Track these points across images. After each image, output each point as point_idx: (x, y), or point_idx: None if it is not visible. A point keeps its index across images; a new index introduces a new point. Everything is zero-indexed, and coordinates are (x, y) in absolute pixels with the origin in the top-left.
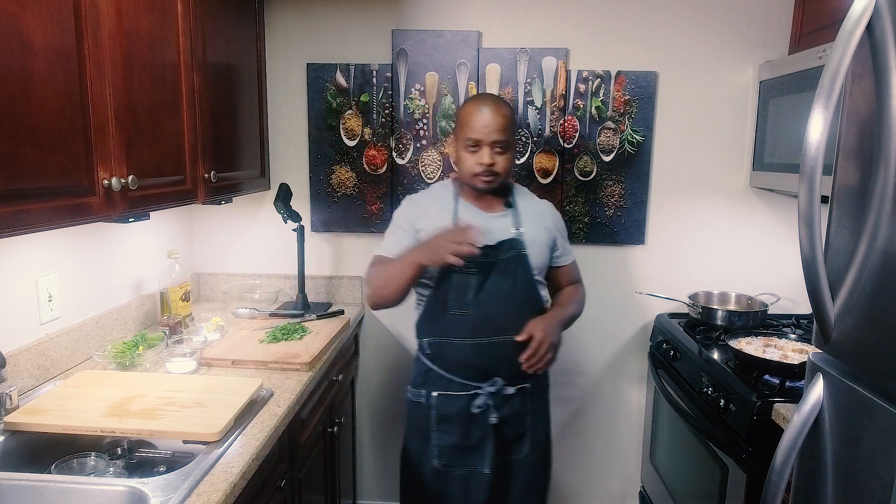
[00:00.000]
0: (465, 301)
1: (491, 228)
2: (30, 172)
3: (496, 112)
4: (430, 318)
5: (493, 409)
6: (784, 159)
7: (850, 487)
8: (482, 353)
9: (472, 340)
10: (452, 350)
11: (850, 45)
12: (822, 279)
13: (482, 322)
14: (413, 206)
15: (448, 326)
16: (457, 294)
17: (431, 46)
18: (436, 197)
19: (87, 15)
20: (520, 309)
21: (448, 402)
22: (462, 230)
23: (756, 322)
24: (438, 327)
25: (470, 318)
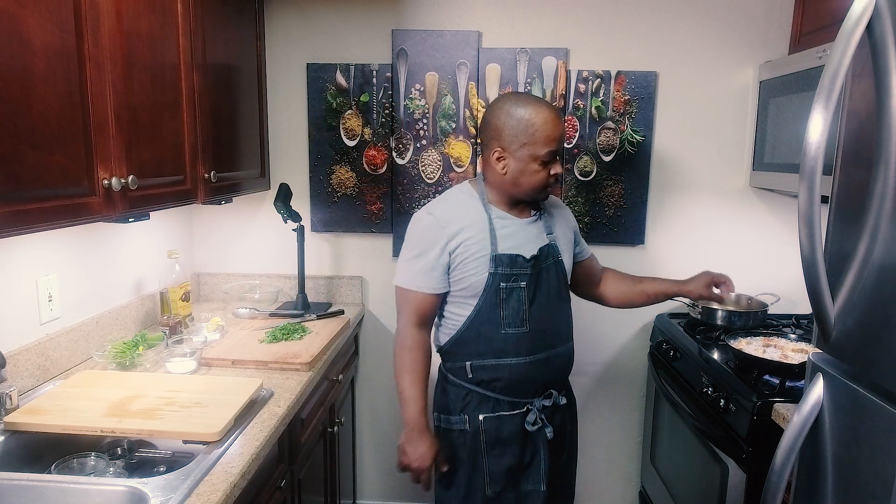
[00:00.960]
0: (520, 317)
1: (529, 237)
2: (30, 172)
3: (559, 117)
4: (475, 339)
5: (544, 422)
6: (784, 159)
7: (850, 487)
8: (541, 368)
9: (532, 357)
10: (508, 370)
11: (850, 45)
12: (822, 279)
13: (538, 337)
14: (437, 220)
15: (503, 345)
16: (510, 310)
17: (431, 46)
18: (462, 205)
19: (87, 15)
20: (566, 317)
21: (500, 424)
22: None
23: (756, 322)
24: (490, 348)
25: (527, 334)
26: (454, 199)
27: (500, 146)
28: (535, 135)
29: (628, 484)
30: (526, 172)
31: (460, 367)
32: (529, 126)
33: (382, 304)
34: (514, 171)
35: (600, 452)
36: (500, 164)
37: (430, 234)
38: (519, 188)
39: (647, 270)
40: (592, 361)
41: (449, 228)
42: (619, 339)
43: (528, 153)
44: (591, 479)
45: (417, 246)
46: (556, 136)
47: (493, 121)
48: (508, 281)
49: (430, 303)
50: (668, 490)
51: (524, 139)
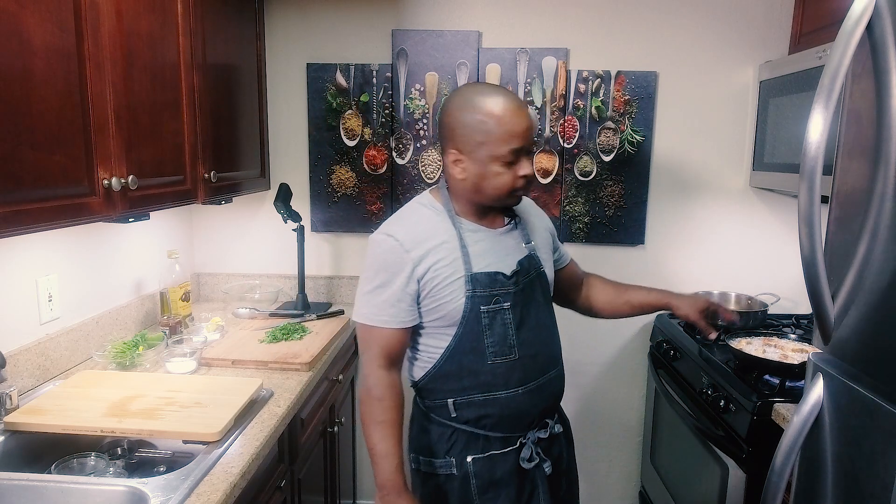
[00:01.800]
0: (507, 343)
1: (507, 249)
2: (30, 172)
3: (523, 107)
4: (458, 373)
5: (541, 456)
6: (784, 159)
7: (850, 487)
8: (534, 398)
9: (524, 388)
10: (498, 405)
11: (850, 45)
12: (822, 279)
13: (530, 363)
14: (399, 244)
15: (490, 378)
16: (496, 337)
17: (431, 46)
18: (426, 222)
19: (87, 15)
20: (554, 334)
21: (492, 465)
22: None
23: (756, 322)
24: (475, 381)
25: (517, 362)
26: (416, 216)
27: (454, 148)
28: (493, 131)
29: (628, 484)
30: (487, 176)
31: (441, 405)
32: (486, 121)
33: None
34: (473, 175)
35: (600, 452)
36: (456, 168)
37: (393, 259)
38: (482, 194)
39: (647, 270)
40: (592, 361)
41: (414, 252)
42: (619, 339)
43: (486, 153)
44: (591, 478)
45: (379, 275)
46: (518, 130)
47: (446, 119)
48: (490, 303)
49: (398, 339)
50: (668, 490)
51: (481, 137)
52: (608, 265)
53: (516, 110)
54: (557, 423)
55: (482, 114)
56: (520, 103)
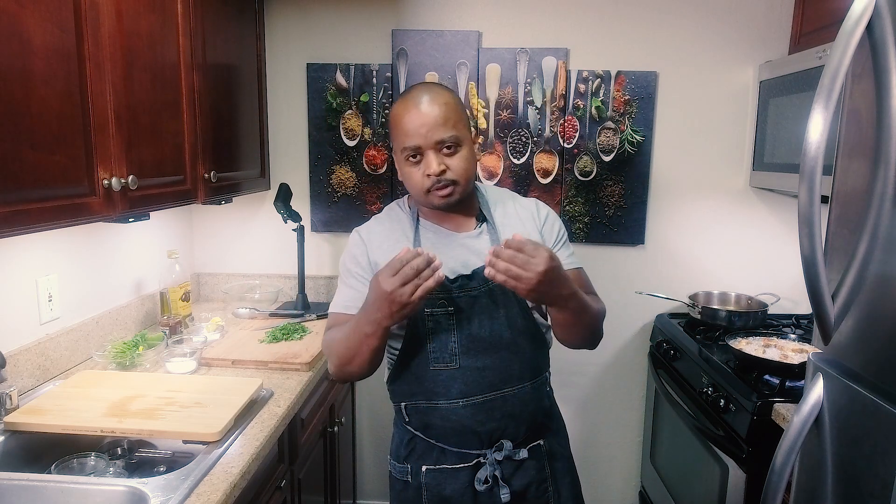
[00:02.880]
0: (447, 352)
1: (465, 254)
2: (30, 172)
3: (432, 102)
4: (405, 378)
5: (503, 481)
6: (784, 159)
7: (850, 487)
8: (479, 416)
9: (465, 401)
10: (440, 415)
11: (850, 45)
12: (822, 279)
13: (474, 375)
14: (362, 240)
15: (432, 386)
16: (436, 344)
17: (431, 46)
18: (389, 220)
19: (87, 15)
20: (519, 349)
21: (443, 480)
22: (414, 256)
23: (756, 322)
24: (420, 388)
25: (457, 372)
26: (384, 216)
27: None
28: (396, 129)
29: (628, 484)
30: (404, 175)
31: (398, 408)
32: (393, 120)
33: None
34: (399, 173)
35: (600, 452)
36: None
37: (355, 251)
38: (415, 197)
39: (647, 270)
40: (592, 361)
41: (371, 244)
42: (619, 339)
43: (398, 149)
44: (591, 478)
45: (345, 265)
46: (412, 128)
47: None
48: (433, 307)
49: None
50: (668, 490)
51: (393, 135)
52: (608, 265)
53: (415, 106)
54: (521, 449)
55: (394, 111)
56: (428, 98)
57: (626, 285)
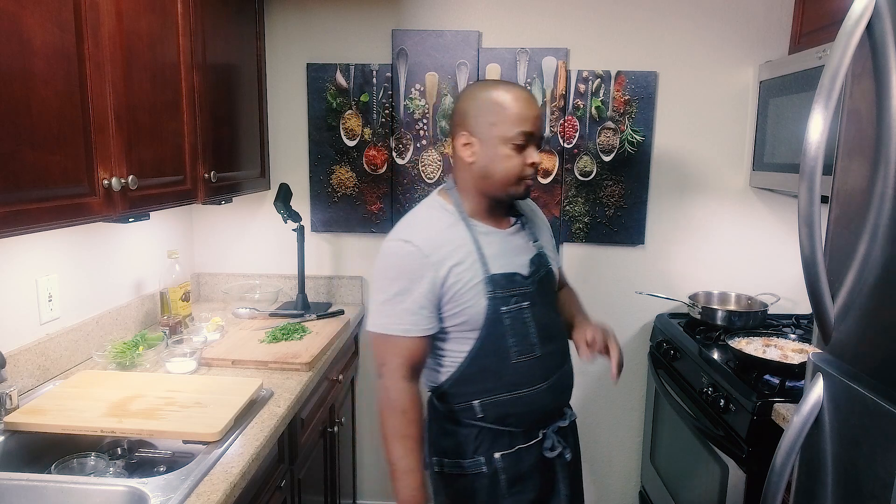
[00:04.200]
0: (528, 343)
1: (518, 249)
2: (30, 172)
3: (534, 99)
4: (481, 376)
5: (562, 444)
6: (784, 159)
7: (850, 487)
8: (556, 392)
9: (547, 383)
10: (524, 403)
11: (850, 45)
12: (822, 279)
13: (550, 359)
14: (418, 249)
15: (514, 378)
16: (516, 338)
17: (431, 46)
18: (440, 224)
19: (87, 15)
20: (562, 329)
21: (518, 459)
22: None
23: (756, 322)
24: (500, 382)
25: (539, 360)
26: (430, 220)
27: (466, 130)
28: (504, 112)
29: (628, 484)
30: (496, 158)
31: (466, 406)
32: (498, 104)
33: None
34: (482, 157)
35: (600, 452)
36: (466, 150)
37: (413, 265)
38: (490, 180)
39: (647, 270)
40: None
41: (434, 257)
42: (620, 339)
43: (497, 134)
44: (591, 478)
45: (398, 281)
46: (529, 115)
47: (459, 105)
48: (509, 304)
49: (420, 347)
50: (668, 490)
51: (492, 118)
52: (608, 265)
53: (528, 98)
54: (572, 412)
55: (496, 96)
56: (532, 95)
57: (626, 285)
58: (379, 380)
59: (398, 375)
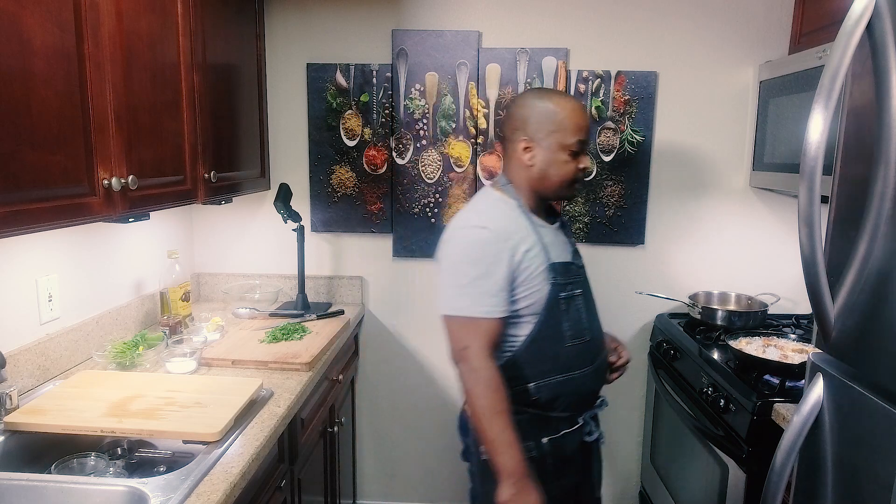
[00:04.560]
0: (581, 328)
1: (563, 243)
2: (30, 172)
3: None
4: (537, 359)
5: (598, 430)
6: (784, 159)
7: (850, 487)
8: (598, 376)
9: (592, 366)
10: (574, 384)
11: (850, 45)
12: (822, 279)
13: (594, 344)
14: (496, 234)
15: (568, 360)
16: (570, 322)
17: (431, 46)
18: (508, 213)
19: (87, 15)
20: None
21: (563, 443)
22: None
23: (756, 322)
24: (555, 365)
25: (587, 344)
26: (499, 208)
27: (526, 136)
28: (563, 122)
29: (628, 484)
30: (555, 163)
31: (521, 390)
32: (557, 113)
33: (382, 304)
34: (541, 161)
35: None
36: (526, 154)
37: (493, 249)
38: (546, 182)
39: (647, 270)
40: None
41: (510, 241)
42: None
43: (556, 141)
44: None
45: (479, 264)
46: (583, 125)
47: (518, 111)
48: (565, 290)
49: (499, 328)
50: (668, 490)
51: (552, 127)
52: (608, 265)
53: (582, 109)
54: (604, 398)
55: (556, 105)
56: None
57: (626, 285)
58: (461, 364)
59: (484, 355)
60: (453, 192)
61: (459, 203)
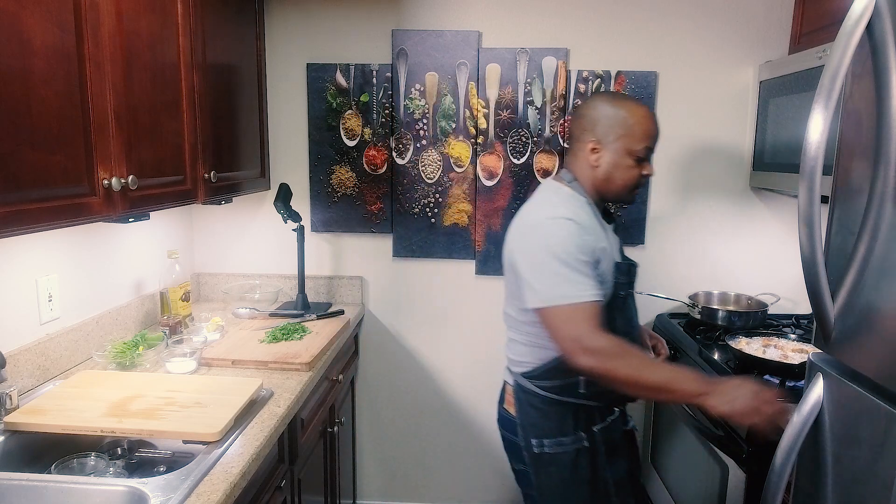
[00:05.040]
0: (631, 325)
1: (617, 244)
2: (30, 172)
3: (656, 118)
4: None
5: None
6: (784, 159)
7: (850, 487)
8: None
9: None
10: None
11: (850, 45)
12: (822, 279)
13: (638, 340)
14: (582, 227)
15: None
16: (623, 319)
17: (431, 46)
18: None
19: (87, 15)
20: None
21: (610, 431)
22: (769, 393)
23: (756, 322)
24: None
25: (633, 339)
26: (574, 204)
27: (594, 137)
28: (633, 127)
29: None
30: (620, 167)
31: (571, 382)
32: (628, 118)
33: (382, 304)
34: (607, 164)
35: None
36: (593, 155)
37: (581, 241)
38: (609, 185)
39: (647, 270)
40: None
41: (592, 236)
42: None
43: (623, 146)
44: None
45: (574, 253)
46: (653, 132)
47: (589, 113)
48: (624, 290)
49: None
50: (668, 490)
51: (621, 131)
52: None
53: (653, 117)
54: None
55: (626, 111)
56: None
57: None
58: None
59: (599, 333)
60: (453, 192)
61: (460, 203)
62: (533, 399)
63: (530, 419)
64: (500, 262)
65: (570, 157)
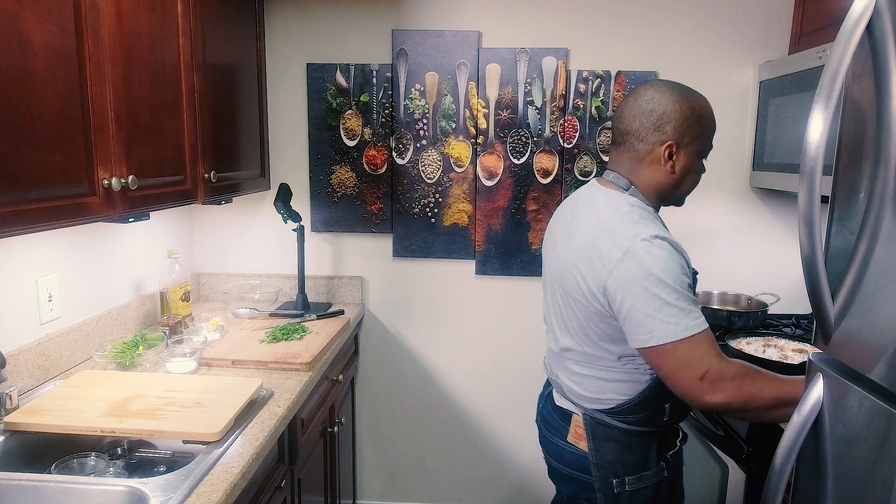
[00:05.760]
0: None
1: None
2: (30, 172)
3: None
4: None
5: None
6: (784, 159)
7: (850, 487)
8: None
9: None
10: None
11: (850, 45)
12: (822, 279)
13: None
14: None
15: None
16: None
17: (431, 46)
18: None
19: (87, 15)
20: None
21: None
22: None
23: (756, 322)
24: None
25: None
26: (651, 217)
27: (672, 139)
28: (708, 126)
29: None
30: (692, 171)
31: (657, 410)
32: (702, 117)
33: (382, 304)
34: (681, 168)
35: None
36: (668, 159)
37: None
38: (677, 191)
39: None
40: None
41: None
42: None
43: (697, 149)
44: None
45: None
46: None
47: (657, 108)
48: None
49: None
50: None
51: (697, 131)
52: None
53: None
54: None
55: (700, 106)
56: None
57: None
58: (714, 394)
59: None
60: (453, 192)
61: (460, 203)
62: (613, 433)
63: (609, 455)
64: (500, 262)
65: (624, 159)
